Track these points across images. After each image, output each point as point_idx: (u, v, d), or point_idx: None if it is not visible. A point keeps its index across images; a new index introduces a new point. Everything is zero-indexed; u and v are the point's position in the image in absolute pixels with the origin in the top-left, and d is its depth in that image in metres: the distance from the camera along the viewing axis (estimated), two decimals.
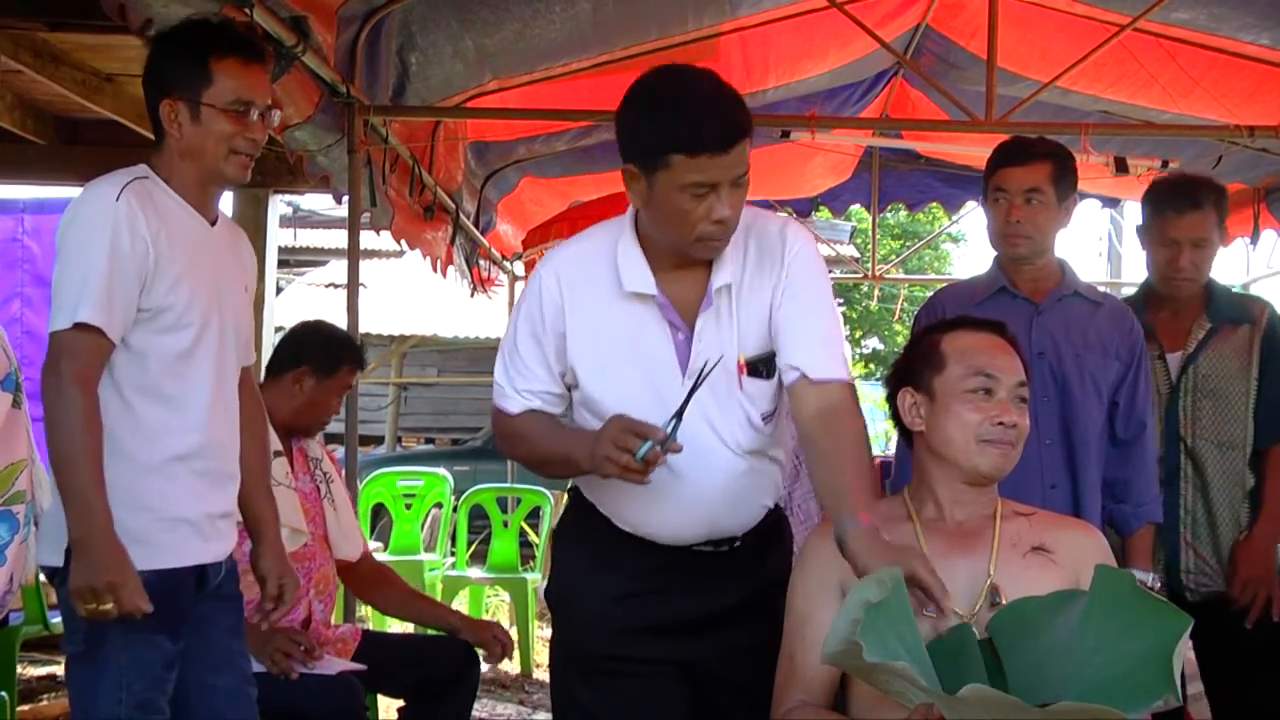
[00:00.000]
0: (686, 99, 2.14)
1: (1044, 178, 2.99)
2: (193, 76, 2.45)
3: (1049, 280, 3.08)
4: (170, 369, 2.46)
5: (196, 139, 2.47)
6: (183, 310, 2.46)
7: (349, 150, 4.34)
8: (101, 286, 2.32)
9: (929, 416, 2.17)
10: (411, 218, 5.23)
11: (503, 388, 2.35)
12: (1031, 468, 2.79)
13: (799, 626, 2.12)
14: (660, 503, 2.25)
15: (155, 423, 2.44)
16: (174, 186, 2.50)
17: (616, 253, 2.27)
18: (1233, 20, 4.52)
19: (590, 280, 2.28)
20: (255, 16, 3.36)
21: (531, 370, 2.32)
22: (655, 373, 2.26)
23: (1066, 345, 2.98)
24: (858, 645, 1.72)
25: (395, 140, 4.74)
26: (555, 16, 4.49)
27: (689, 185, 2.12)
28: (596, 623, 2.36)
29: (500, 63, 4.76)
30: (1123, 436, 3.02)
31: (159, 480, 2.44)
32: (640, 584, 2.34)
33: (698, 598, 2.34)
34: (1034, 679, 1.87)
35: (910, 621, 1.88)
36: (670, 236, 2.21)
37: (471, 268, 6.58)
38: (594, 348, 2.28)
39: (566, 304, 2.28)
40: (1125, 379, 3.00)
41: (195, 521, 2.51)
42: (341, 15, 3.85)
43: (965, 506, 2.16)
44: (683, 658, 2.34)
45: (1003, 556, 2.10)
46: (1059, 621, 1.92)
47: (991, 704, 1.72)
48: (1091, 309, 3.04)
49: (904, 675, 1.74)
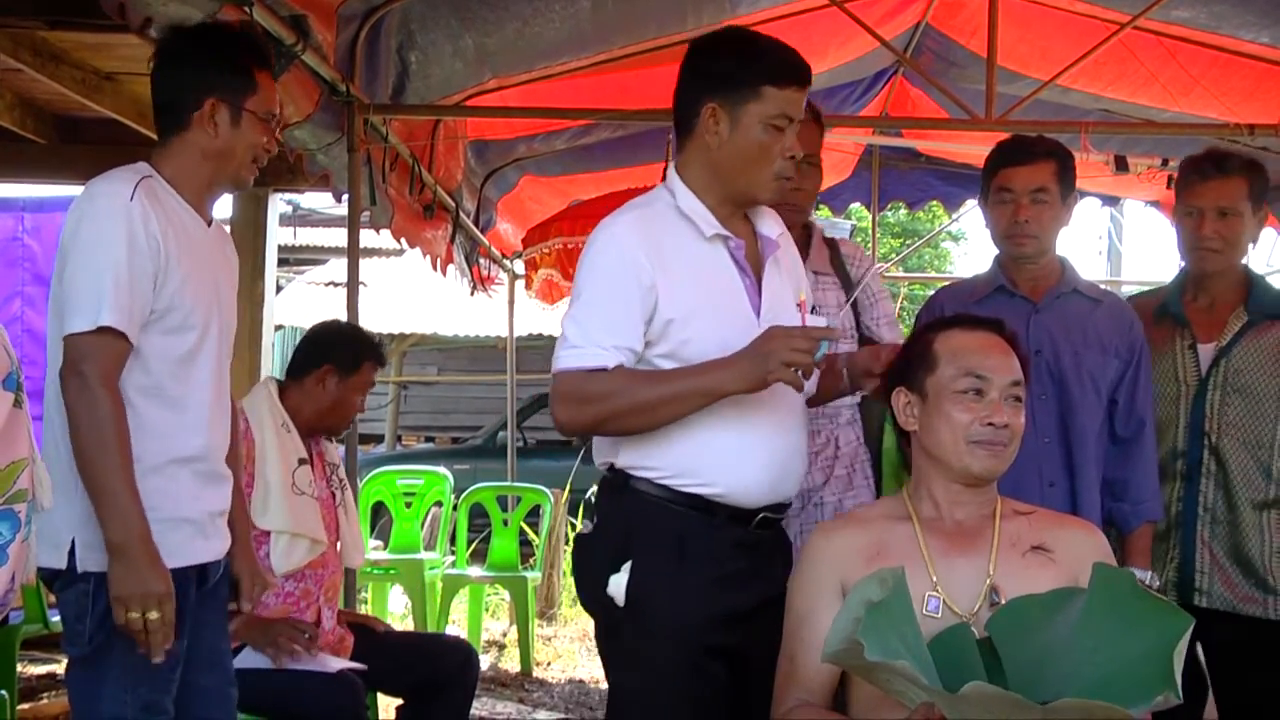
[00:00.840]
0: (775, 44, 2.36)
1: (1049, 176, 2.99)
2: (238, 81, 2.50)
3: (1049, 279, 3.08)
4: (173, 371, 2.47)
5: (230, 142, 2.51)
6: (188, 312, 2.47)
7: (349, 149, 4.35)
8: (123, 288, 2.32)
9: (922, 417, 2.18)
10: (411, 216, 5.23)
11: (584, 347, 2.26)
12: (1029, 465, 2.78)
13: (798, 626, 2.13)
14: (742, 451, 2.28)
15: (158, 424, 2.44)
16: (177, 186, 2.50)
17: (680, 208, 2.35)
18: (1233, 18, 4.53)
19: (669, 232, 2.33)
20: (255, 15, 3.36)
21: (621, 324, 2.27)
22: (735, 316, 2.33)
23: (1065, 343, 2.97)
24: (859, 644, 1.73)
25: (395, 139, 4.75)
26: (555, 15, 4.49)
27: (773, 117, 2.29)
28: (695, 607, 2.28)
29: (500, 61, 4.77)
30: (1122, 434, 3.00)
31: (162, 481, 2.43)
32: (721, 566, 2.30)
33: (758, 582, 2.35)
34: (1033, 677, 1.87)
35: (912, 621, 1.88)
36: (747, 175, 2.34)
37: (471, 266, 6.58)
38: (687, 293, 2.29)
39: (652, 257, 2.28)
40: (1124, 377, 2.98)
41: (198, 521, 2.52)
42: (341, 14, 3.85)
43: (963, 506, 2.16)
44: (739, 644, 2.32)
45: (1002, 556, 2.10)
46: (1058, 620, 1.93)
47: (993, 701, 1.73)
48: (1091, 306, 3.03)
49: (905, 674, 1.75)
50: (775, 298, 2.39)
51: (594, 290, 2.31)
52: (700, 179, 2.36)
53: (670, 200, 2.36)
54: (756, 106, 2.28)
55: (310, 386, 3.58)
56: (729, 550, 2.32)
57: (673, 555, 2.28)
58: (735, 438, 2.29)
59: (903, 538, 2.12)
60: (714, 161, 2.34)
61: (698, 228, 2.33)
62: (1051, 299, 3.05)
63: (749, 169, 2.33)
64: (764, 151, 2.31)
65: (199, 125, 2.49)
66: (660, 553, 2.28)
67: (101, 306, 2.30)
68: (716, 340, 2.27)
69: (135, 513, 2.29)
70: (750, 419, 2.30)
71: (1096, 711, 1.77)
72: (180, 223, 2.47)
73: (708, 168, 2.35)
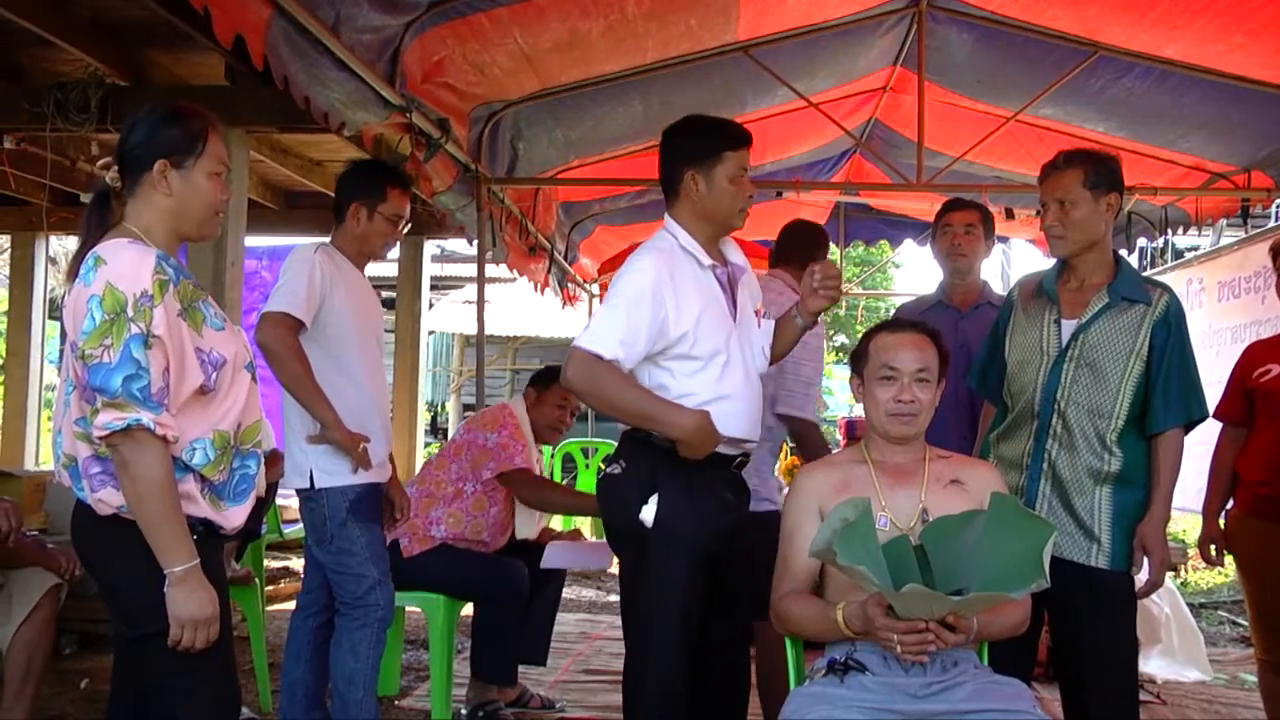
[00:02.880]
0: (725, 121, 2.40)
1: (976, 219, 3.26)
2: (379, 192, 2.79)
3: (973, 294, 3.17)
4: (342, 364, 2.74)
5: (368, 231, 2.79)
6: (343, 327, 2.75)
7: (477, 208, 4.39)
8: (299, 294, 2.64)
9: (864, 396, 2.16)
10: (520, 254, 5.26)
11: (599, 335, 2.19)
12: (950, 424, 2.77)
13: (790, 536, 2.10)
14: (727, 414, 2.25)
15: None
16: (345, 254, 2.78)
17: (683, 245, 2.32)
18: (1079, 115, 4.69)
19: (679, 265, 2.29)
20: (413, 119, 3.39)
21: (630, 333, 2.19)
22: (722, 321, 2.30)
23: (978, 340, 2.93)
24: (834, 550, 1.73)
25: (509, 202, 4.78)
26: (619, 115, 4.50)
27: (734, 171, 2.28)
28: (701, 528, 2.24)
29: (580, 147, 4.79)
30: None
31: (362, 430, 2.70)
32: (718, 496, 2.28)
33: (737, 508, 2.34)
34: (950, 571, 1.86)
35: (873, 536, 1.87)
36: (724, 215, 2.32)
37: (562, 289, 6.61)
38: (693, 306, 2.25)
39: (669, 286, 2.23)
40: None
41: (380, 460, 2.79)
42: (472, 116, 3.88)
43: (899, 454, 2.13)
44: (720, 552, 2.30)
45: (930, 488, 2.07)
46: (968, 531, 1.90)
47: (922, 596, 1.74)
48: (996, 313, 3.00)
49: (865, 576, 1.75)
50: (744, 309, 2.36)
51: (621, 300, 2.22)
52: (691, 223, 2.32)
53: (675, 241, 2.32)
54: (722, 168, 2.27)
55: (550, 409, 3.42)
56: (721, 484, 2.30)
57: (686, 489, 2.23)
58: (723, 404, 2.25)
59: (861, 475, 2.10)
60: (700, 211, 2.31)
61: (697, 259, 2.30)
62: (973, 309, 3.11)
63: (725, 209, 2.30)
64: (733, 196, 2.29)
65: (350, 218, 2.78)
66: (677, 488, 2.23)
67: (294, 303, 2.62)
68: (711, 339, 2.25)
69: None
70: (731, 392, 2.26)
71: (993, 600, 1.77)
72: (346, 273, 2.76)
73: (696, 216, 2.31)
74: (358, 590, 2.66)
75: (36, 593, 2.64)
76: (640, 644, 2.26)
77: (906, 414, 2.08)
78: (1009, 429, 2.50)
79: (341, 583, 2.68)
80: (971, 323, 3.09)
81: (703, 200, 2.29)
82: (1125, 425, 2.37)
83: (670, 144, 2.36)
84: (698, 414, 2.20)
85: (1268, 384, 2.81)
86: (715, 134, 2.31)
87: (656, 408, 2.21)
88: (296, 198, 6.15)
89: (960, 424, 2.93)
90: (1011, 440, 2.48)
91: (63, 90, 3.61)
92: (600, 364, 2.19)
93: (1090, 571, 2.34)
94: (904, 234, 7.52)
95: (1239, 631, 5.18)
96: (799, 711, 1.86)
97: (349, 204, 2.77)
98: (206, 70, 3.82)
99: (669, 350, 2.24)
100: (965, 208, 3.31)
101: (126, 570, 1.76)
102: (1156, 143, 4.73)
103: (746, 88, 4.60)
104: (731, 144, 2.29)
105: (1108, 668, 2.36)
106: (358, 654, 2.65)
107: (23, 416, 6.20)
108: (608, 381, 2.20)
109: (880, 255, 17.67)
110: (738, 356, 2.29)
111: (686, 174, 2.29)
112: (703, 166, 2.27)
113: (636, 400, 2.22)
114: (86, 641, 4.12)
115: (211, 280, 3.54)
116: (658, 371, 2.26)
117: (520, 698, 3.52)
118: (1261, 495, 2.80)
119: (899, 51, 4.73)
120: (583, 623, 5.11)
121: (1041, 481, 2.41)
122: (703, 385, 2.24)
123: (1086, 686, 2.36)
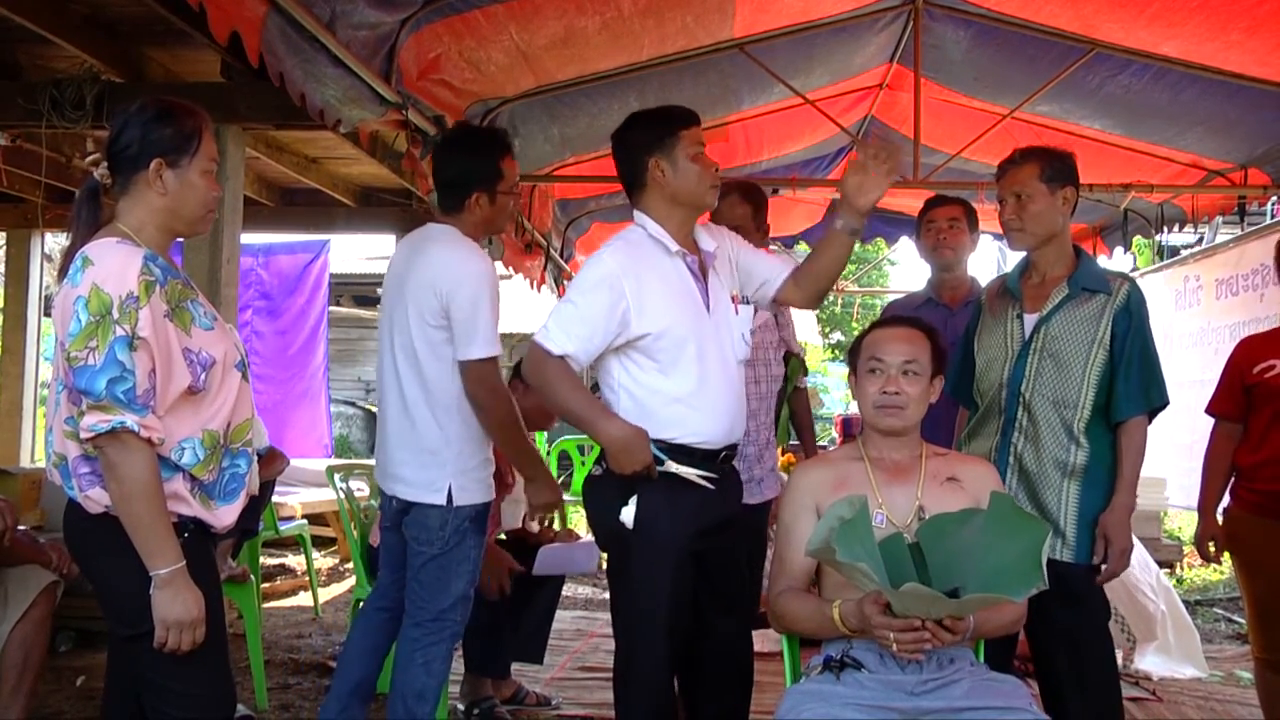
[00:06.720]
0: (670, 106, 2.39)
1: (960, 213, 3.29)
2: (495, 175, 2.66)
3: (962, 291, 3.17)
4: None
5: (491, 214, 2.66)
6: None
7: None
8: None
9: (857, 391, 2.16)
10: (516, 251, 5.25)
11: (552, 333, 2.20)
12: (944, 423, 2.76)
13: (786, 533, 2.10)
14: (706, 410, 2.25)
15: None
16: (475, 239, 2.66)
17: (651, 234, 2.31)
18: (1076, 112, 4.67)
19: (645, 254, 2.29)
20: (409, 116, 3.37)
21: (583, 331, 2.18)
22: (693, 310, 2.28)
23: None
24: (833, 547, 1.73)
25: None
26: (615, 112, 4.46)
27: (695, 148, 2.29)
28: (683, 527, 2.22)
29: (576, 144, 4.76)
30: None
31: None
32: (700, 493, 2.24)
33: (722, 505, 2.31)
34: (947, 571, 1.85)
35: (870, 533, 1.86)
36: (694, 194, 2.31)
37: (558, 286, 6.58)
38: (659, 296, 2.24)
39: (629, 278, 2.22)
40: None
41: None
42: (468, 113, 3.86)
43: (896, 450, 2.12)
44: (703, 550, 2.29)
45: (927, 485, 2.07)
46: (965, 530, 1.90)
47: (920, 595, 1.73)
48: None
49: (864, 572, 1.74)
50: (717, 296, 2.34)
51: (576, 293, 2.24)
52: (660, 211, 2.32)
53: (643, 231, 2.33)
54: (680, 147, 2.29)
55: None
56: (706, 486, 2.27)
57: (666, 488, 2.21)
58: (703, 400, 2.24)
59: (857, 472, 2.10)
60: (671, 195, 2.31)
61: (665, 246, 2.30)
62: (963, 306, 3.09)
63: (695, 188, 2.31)
64: (699, 175, 2.30)
65: (471, 207, 2.63)
66: (657, 487, 2.20)
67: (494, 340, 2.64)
68: (679, 329, 2.23)
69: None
70: (711, 390, 2.25)
71: (991, 601, 1.76)
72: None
73: (667, 201, 2.31)
74: (443, 604, 2.54)
75: (33, 590, 2.63)
76: (626, 641, 2.27)
77: (893, 405, 2.07)
78: (976, 426, 2.55)
79: (428, 596, 2.54)
80: (962, 320, 3.06)
81: (671, 184, 2.30)
82: (1092, 415, 2.40)
83: (624, 141, 2.37)
84: (627, 428, 2.17)
85: (1271, 380, 2.78)
86: (666, 118, 2.34)
87: (589, 412, 2.21)
88: (292, 195, 6.12)
89: (957, 424, 2.92)
90: (979, 437, 2.53)
91: (58, 87, 3.59)
92: (549, 360, 2.20)
93: (1055, 565, 2.30)
94: (900, 231, 7.48)
95: (1235, 629, 5.17)
96: (795, 709, 1.86)
97: (469, 195, 2.61)
98: (202, 67, 3.81)
99: (636, 342, 2.23)
100: (948, 203, 3.35)
101: (117, 568, 1.75)
102: (1153, 140, 4.72)
103: (743, 85, 4.59)
104: (683, 123, 2.32)
105: (1083, 661, 2.37)
106: (431, 670, 2.54)
107: (18, 413, 6.18)
108: (553, 379, 2.21)
109: (876, 252, 17.72)
110: (712, 345, 2.27)
111: (649, 162, 2.30)
112: (663, 150, 2.29)
113: (575, 402, 2.22)
114: (83, 638, 4.11)
115: (207, 277, 3.53)
116: (625, 362, 2.25)
117: (516, 694, 3.53)
118: (1262, 492, 2.79)
119: (895, 48, 4.72)
120: (579, 620, 5.11)
121: (1009, 475, 2.43)
122: (672, 381, 2.22)
123: (1061, 680, 2.38)
